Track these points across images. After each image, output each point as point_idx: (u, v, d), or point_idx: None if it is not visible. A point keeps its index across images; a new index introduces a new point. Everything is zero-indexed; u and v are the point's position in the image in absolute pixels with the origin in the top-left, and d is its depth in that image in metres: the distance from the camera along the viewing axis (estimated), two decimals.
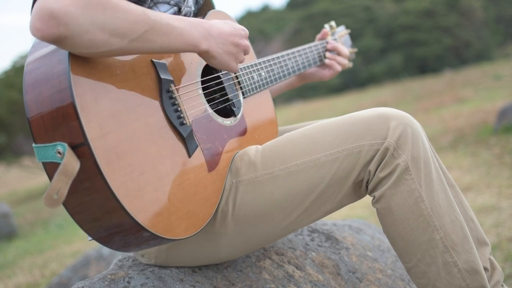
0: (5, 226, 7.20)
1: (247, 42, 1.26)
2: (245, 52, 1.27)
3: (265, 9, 40.81)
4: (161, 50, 1.06)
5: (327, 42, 1.77)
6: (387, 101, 12.79)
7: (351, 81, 24.70)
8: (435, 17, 25.39)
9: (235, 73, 1.37)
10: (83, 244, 5.43)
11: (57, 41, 0.92)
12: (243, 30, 1.26)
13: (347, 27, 1.94)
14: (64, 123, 0.95)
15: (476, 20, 26.03)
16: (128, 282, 1.22)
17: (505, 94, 9.10)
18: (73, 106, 0.94)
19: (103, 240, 1.05)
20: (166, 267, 1.32)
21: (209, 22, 1.17)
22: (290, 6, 36.43)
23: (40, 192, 12.48)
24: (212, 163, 1.22)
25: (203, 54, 1.17)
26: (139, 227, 1.00)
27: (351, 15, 26.68)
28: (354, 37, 24.64)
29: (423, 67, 24.48)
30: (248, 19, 36.13)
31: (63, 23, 0.91)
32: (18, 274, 4.80)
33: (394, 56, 25.56)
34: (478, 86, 11.67)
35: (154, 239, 1.04)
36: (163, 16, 1.05)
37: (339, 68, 1.73)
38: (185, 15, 1.34)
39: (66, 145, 0.93)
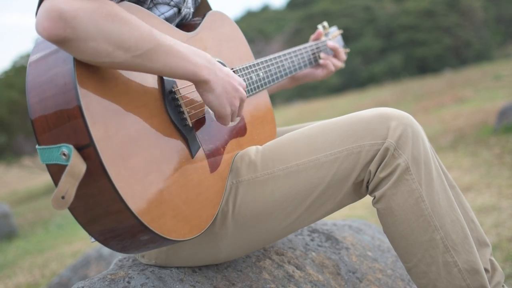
0: (5, 226, 7.19)
1: (244, 93, 1.21)
2: (240, 103, 1.21)
3: (265, 9, 40.86)
4: (162, 71, 1.05)
5: (324, 42, 1.79)
6: (387, 101, 12.79)
7: (351, 81, 24.68)
8: (435, 17, 25.36)
9: (225, 124, 1.22)
10: (83, 244, 5.42)
11: (61, 42, 0.92)
12: (242, 81, 1.22)
13: (347, 27, 1.96)
14: (69, 125, 0.94)
15: (476, 20, 26.01)
16: (128, 282, 1.22)
17: (505, 94, 9.10)
18: (79, 107, 0.93)
19: (106, 241, 1.05)
20: (166, 267, 1.32)
21: (211, 56, 1.16)
22: (290, 6, 36.45)
23: (40, 192, 12.48)
24: (214, 164, 1.22)
25: (202, 85, 1.12)
26: (145, 229, 1.00)
27: (351, 15, 26.65)
28: (354, 37, 24.67)
29: (423, 67, 24.45)
30: (248, 19, 36.17)
31: (70, 26, 0.91)
32: (18, 274, 4.80)
33: (394, 56, 25.53)
34: (478, 86, 11.67)
35: (158, 240, 1.04)
36: (168, 38, 1.05)
37: (333, 68, 1.75)
38: (184, 16, 1.34)
39: (71, 146, 0.93)
